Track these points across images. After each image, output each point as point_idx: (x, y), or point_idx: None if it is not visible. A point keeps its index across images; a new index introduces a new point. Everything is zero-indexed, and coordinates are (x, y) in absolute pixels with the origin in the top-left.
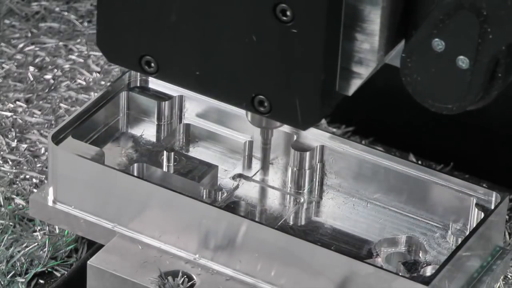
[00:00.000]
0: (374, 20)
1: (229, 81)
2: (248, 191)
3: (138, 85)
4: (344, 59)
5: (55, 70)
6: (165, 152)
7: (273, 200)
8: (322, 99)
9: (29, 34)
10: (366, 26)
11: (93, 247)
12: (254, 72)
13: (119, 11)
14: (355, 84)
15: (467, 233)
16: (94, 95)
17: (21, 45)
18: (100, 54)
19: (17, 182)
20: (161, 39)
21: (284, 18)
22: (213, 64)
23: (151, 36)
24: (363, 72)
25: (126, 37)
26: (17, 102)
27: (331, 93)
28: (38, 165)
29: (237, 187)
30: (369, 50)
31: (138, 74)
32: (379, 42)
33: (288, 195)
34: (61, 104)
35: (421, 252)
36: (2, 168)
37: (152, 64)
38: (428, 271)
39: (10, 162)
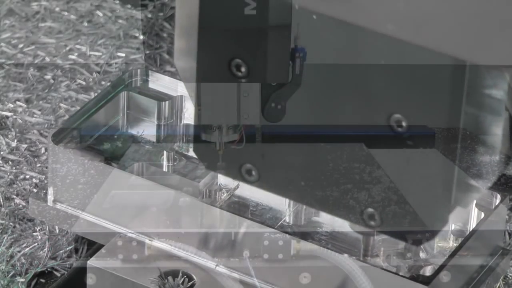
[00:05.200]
0: None
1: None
2: (248, 191)
3: (138, 85)
4: None
5: (55, 70)
6: (165, 152)
7: (273, 200)
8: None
9: (29, 34)
10: None
11: (93, 247)
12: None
13: None
14: None
15: (467, 233)
16: (94, 95)
17: (21, 45)
18: (100, 54)
19: (17, 182)
20: None
21: None
22: None
23: None
24: None
25: None
26: (17, 102)
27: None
28: (38, 165)
29: (237, 187)
30: None
31: (138, 74)
32: None
33: None
34: (61, 104)
35: (421, 252)
36: (2, 168)
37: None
38: (428, 271)
39: (10, 162)
